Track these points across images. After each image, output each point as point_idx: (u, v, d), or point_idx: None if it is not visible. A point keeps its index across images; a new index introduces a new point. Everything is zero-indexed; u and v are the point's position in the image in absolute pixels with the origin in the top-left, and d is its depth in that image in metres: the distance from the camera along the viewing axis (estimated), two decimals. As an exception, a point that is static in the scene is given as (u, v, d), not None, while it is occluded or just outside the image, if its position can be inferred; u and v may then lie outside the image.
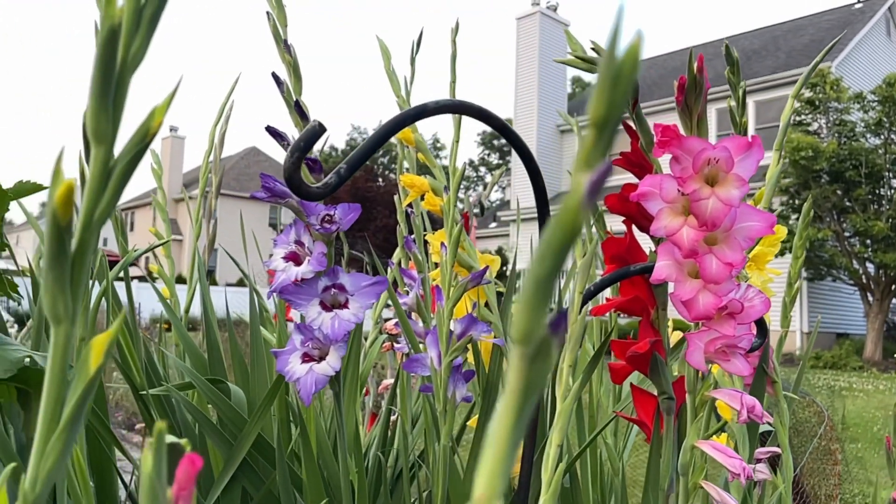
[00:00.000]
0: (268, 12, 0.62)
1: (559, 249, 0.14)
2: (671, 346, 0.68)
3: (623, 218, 0.64)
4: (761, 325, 0.65)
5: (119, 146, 0.24)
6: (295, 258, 0.62)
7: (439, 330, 0.69)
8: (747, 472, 0.51)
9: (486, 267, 0.72)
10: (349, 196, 18.54)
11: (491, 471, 0.15)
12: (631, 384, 0.64)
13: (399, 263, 1.16)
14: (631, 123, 0.64)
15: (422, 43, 1.02)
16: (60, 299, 0.25)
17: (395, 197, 1.06)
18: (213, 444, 0.79)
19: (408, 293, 1.04)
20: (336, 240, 0.66)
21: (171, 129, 27.97)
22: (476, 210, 1.23)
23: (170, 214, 1.18)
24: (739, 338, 0.50)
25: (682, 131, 0.49)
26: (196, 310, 1.08)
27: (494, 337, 0.76)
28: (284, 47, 0.62)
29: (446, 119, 0.88)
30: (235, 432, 0.74)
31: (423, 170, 1.02)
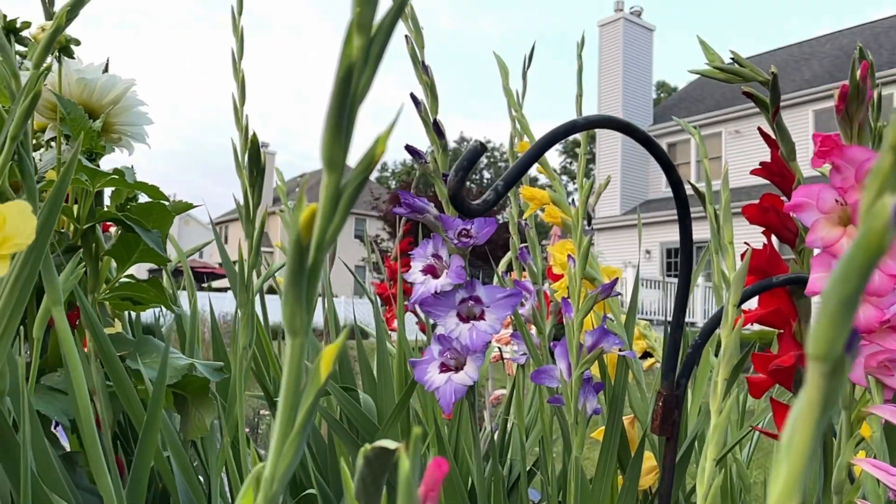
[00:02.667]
0: (406, 35, 0.65)
1: (864, 270, 0.15)
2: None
3: (762, 229, 0.63)
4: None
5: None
6: (433, 271, 0.64)
7: (569, 342, 0.70)
8: (913, 491, 0.49)
9: (616, 279, 0.72)
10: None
11: (788, 482, 0.16)
12: (771, 398, 0.63)
13: (509, 272, 1.17)
14: (770, 133, 0.63)
15: (533, 57, 1.02)
16: (298, 314, 0.27)
17: (508, 210, 1.07)
18: (344, 450, 0.82)
19: (522, 304, 1.04)
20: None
21: (262, 146, 28.97)
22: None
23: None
24: (903, 352, 0.48)
25: (842, 140, 0.48)
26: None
27: (621, 350, 0.76)
28: (422, 68, 0.64)
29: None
30: (367, 438, 0.76)
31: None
